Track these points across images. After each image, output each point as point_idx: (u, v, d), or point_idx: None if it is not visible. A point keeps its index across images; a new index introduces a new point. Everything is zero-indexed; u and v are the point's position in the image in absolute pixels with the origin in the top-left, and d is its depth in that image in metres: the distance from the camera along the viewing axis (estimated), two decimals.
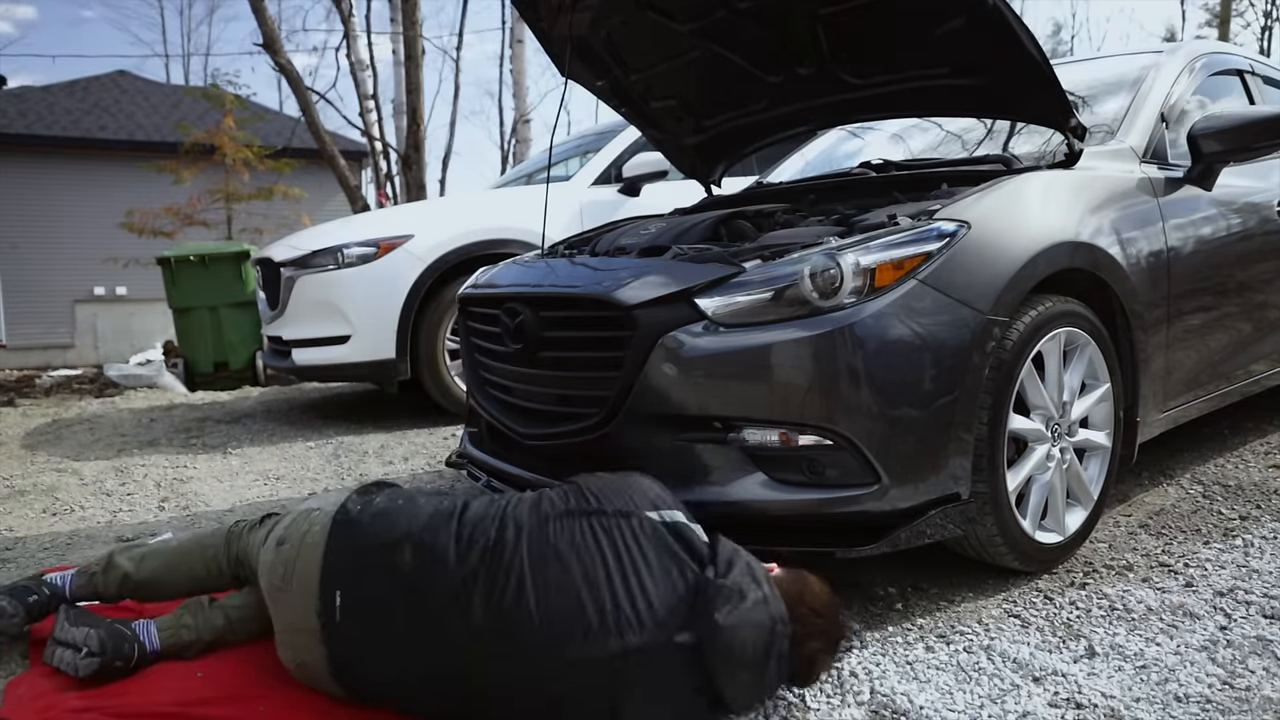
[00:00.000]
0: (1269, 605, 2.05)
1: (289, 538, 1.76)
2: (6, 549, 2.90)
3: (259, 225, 12.07)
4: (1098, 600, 2.11)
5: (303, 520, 1.79)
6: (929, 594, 2.19)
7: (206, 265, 7.14)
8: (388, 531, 1.70)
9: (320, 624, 1.66)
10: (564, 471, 2.30)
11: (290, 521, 1.81)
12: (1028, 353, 2.13)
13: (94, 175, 14.27)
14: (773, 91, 3.06)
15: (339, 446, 4.30)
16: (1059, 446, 2.28)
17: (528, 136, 13.53)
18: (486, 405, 2.62)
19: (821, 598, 1.70)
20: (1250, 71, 3.50)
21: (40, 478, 3.88)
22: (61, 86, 16.33)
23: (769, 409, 1.97)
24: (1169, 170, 2.78)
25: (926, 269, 1.99)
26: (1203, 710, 1.64)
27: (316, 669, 1.70)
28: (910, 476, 1.96)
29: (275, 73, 10.79)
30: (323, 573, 1.68)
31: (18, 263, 13.48)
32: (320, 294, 4.58)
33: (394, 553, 1.67)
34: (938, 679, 1.79)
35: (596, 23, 2.93)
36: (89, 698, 1.78)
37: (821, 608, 1.69)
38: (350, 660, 1.67)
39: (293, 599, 1.71)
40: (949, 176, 2.56)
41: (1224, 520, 2.62)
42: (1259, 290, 3.04)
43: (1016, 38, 2.30)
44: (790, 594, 1.66)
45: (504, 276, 2.70)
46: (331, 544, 1.71)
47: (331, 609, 1.66)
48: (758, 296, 1.98)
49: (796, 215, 2.62)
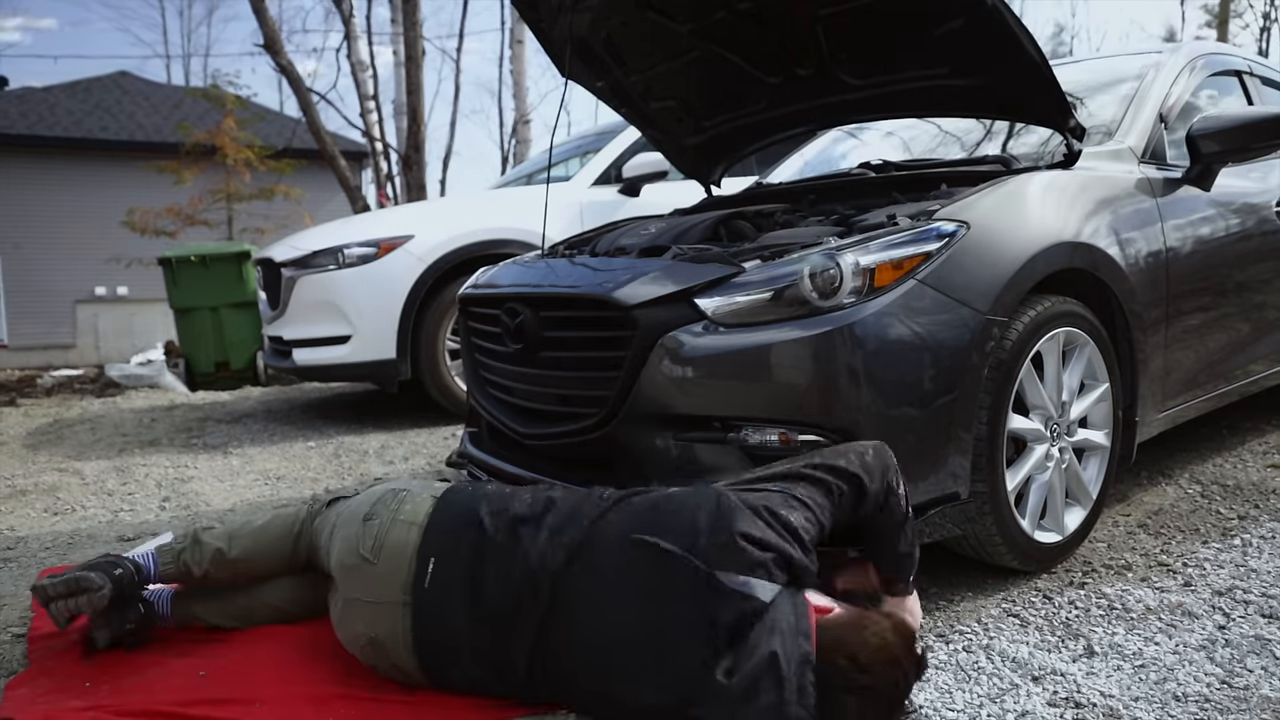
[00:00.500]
0: (1267, 604, 2.06)
1: (378, 514, 1.79)
2: (8, 548, 2.91)
3: (260, 225, 12.09)
4: (1096, 600, 2.12)
5: (391, 499, 1.82)
6: (928, 593, 2.19)
7: (207, 265, 7.15)
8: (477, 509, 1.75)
9: (408, 597, 1.70)
10: (564, 471, 2.32)
11: (376, 499, 1.84)
12: (1027, 353, 2.14)
13: (95, 176, 14.27)
14: (772, 92, 3.07)
15: (339, 446, 4.31)
16: (1058, 446, 2.28)
17: (528, 137, 13.54)
18: (487, 405, 2.63)
19: (870, 648, 1.49)
20: (1249, 72, 3.50)
21: (42, 477, 3.89)
22: (63, 87, 16.34)
23: (769, 409, 1.97)
24: (1168, 170, 2.79)
25: (926, 269, 2.00)
26: (1201, 709, 1.65)
27: (395, 643, 1.72)
28: (909, 476, 1.96)
29: (276, 73, 10.81)
30: (421, 544, 1.72)
31: (20, 263, 13.48)
32: (321, 294, 4.59)
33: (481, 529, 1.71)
34: (937, 678, 1.79)
35: (596, 23, 2.93)
36: (90, 697, 1.79)
37: (868, 660, 1.48)
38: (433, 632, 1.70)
39: (379, 572, 1.73)
40: (948, 177, 2.56)
41: (1222, 520, 2.62)
42: (1257, 290, 3.05)
43: (1016, 38, 2.30)
44: (828, 641, 1.50)
45: (504, 276, 2.70)
46: (433, 519, 1.76)
47: (423, 577, 1.70)
48: (757, 296, 1.99)
49: (796, 215, 2.63)
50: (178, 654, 1.97)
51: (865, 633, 1.52)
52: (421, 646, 1.71)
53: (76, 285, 14.28)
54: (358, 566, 1.76)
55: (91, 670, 1.90)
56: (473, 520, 1.74)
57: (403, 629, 1.71)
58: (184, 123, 13.28)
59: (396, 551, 1.74)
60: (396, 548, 1.74)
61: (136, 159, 13.80)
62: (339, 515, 1.89)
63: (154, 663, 1.93)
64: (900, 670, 1.52)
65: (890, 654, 1.51)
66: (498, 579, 1.67)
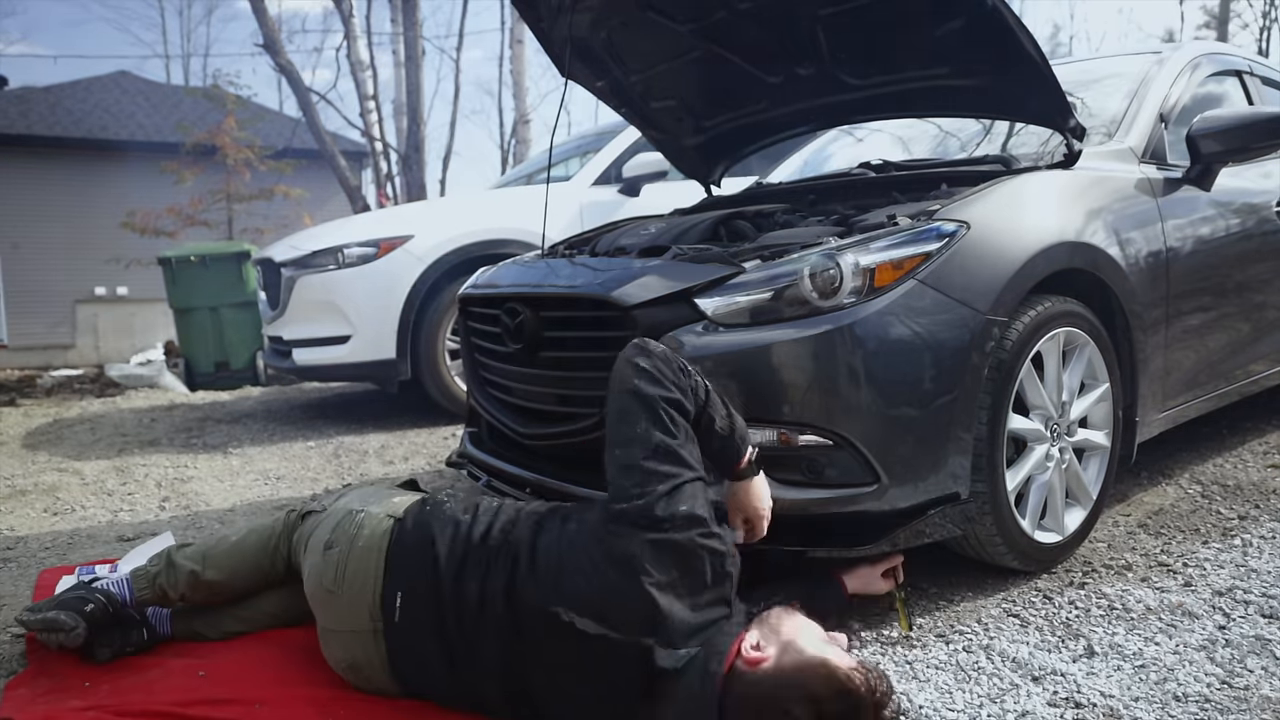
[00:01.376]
0: (1267, 605, 2.05)
1: (337, 541, 1.76)
2: (8, 548, 2.91)
3: (259, 225, 12.08)
4: (1097, 600, 2.12)
5: (348, 523, 1.78)
6: (928, 594, 2.19)
7: (207, 265, 7.15)
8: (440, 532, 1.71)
9: (378, 626, 1.67)
10: (564, 472, 2.31)
11: (335, 524, 1.79)
12: (1027, 353, 2.13)
13: (95, 175, 14.25)
14: (772, 92, 3.06)
15: (339, 446, 4.31)
16: (1058, 446, 2.28)
17: (528, 137, 13.53)
18: (486, 405, 2.62)
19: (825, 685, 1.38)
20: (1249, 72, 3.50)
21: (41, 477, 3.89)
22: (63, 87, 16.32)
23: (768, 409, 1.97)
24: (1168, 170, 2.78)
25: (926, 269, 1.99)
26: (1201, 709, 1.65)
27: (372, 669, 1.71)
28: (909, 476, 1.97)
29: (276, 73, 10.81)
30: (385, 577, 1.68)
31: (19, 262, 13.45)
32: (321, 294, 4.59)
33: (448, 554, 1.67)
34: (937, 678, 1.79)
35: (596, 23, 2.93)
36: (90, 697, 1.79)
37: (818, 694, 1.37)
38: (410, 658, 1.68)
39: (346, 601, 1.70)
40: (948, 176, 2.56)
41: (1222, 520, 2.62)
42: (1258, 290, 3.05)
43: (1016, 38, 2.30)
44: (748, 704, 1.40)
45: (504, 276, 2.70)
46: (394, 549, 1.71)
47: (392, 609, 1.66)
48: (757, 296, 1.99)
49: (796, 215, 2.63)
50: (177, 654, 1.97)
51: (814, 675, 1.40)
52: (398, 671, 1.70)
53: (76, 285, 14.26)
54: (325, 599, 1.74)
55: (91, 670, 1.90)
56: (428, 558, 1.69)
57: (378, 655, 1.69)
58: (184, 123, 13.26)
59: (360, 581, 1.70)
60: (359, 576, 1.70)
61: (137, 159, 13.80)
62: (308, 538, 1.85)
63: (154, 663, 1.93)
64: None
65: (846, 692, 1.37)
66: (457, 618, 1.63)
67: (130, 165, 13.81)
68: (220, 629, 2.04)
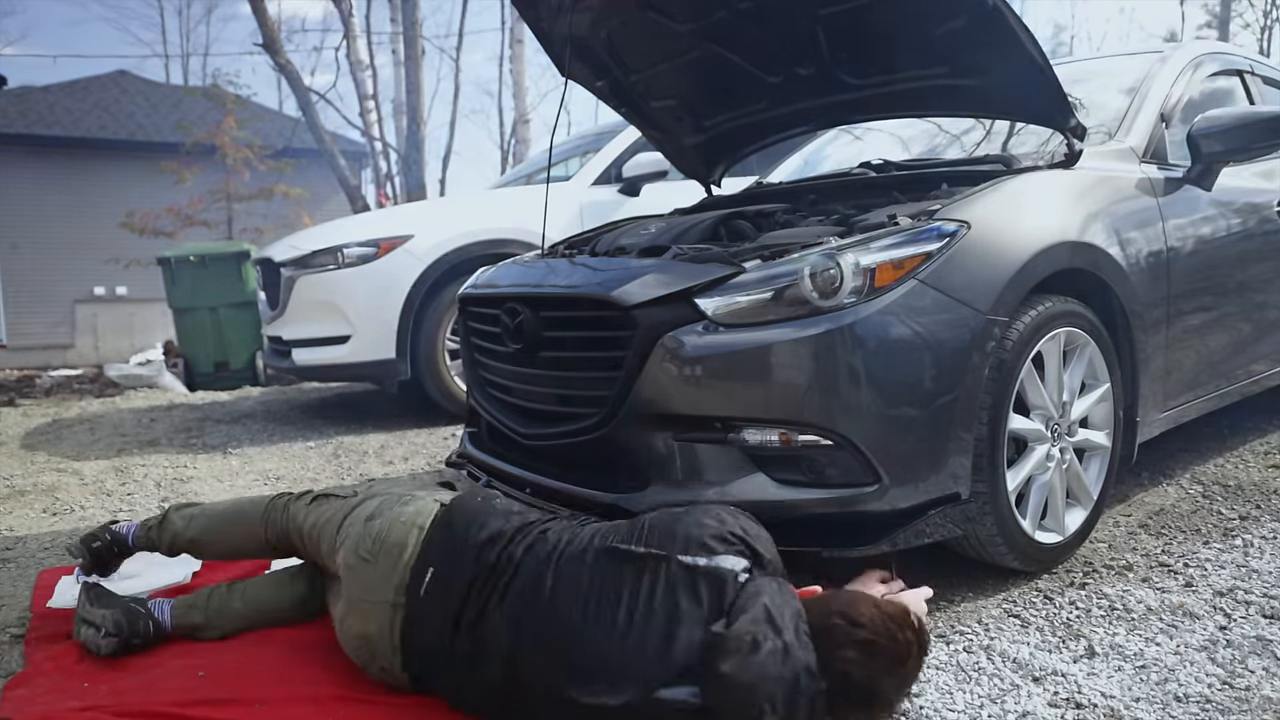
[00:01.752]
0: (1268, 605, 2.05)
1: (380, 513, 1.83)
2: (7, 549, 2.90)
3: (259, 225, 12.09)
4: (1097, 600, 2.11)
5: (395, 501, 1.86)
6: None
7: (207, 265, 7.14)
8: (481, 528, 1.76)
9: (402, 599, 1.71)
10: (564, 472, 2.31)
11: (381, 502, 1.88)
12: (1027, 353, 2.13)
13: (94, 175, 14.25)
14: (772, 92, 3.06)
15: (339, 446, 4.31)
16: (1059, 446, 2.28)
17: (528, 137, 13.54)
18: (486, 405, 2.62)
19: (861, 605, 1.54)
20: (1250, 71, 3.50)
21: (41, 477, 3.89)
22: (62, 86, 16.31)
23: (769, 409, 1.97)
24: (1169, 170, 2.78)
25: (926, 269, 1.99)
26: (1202, 710, 1.64)
27: (381, 643, 1.73)
28: (910, 476, 1.97)
29: (275, 73, 10.81)
30: (420, 550, 1.74)
31: (18, 262, 13.47)
32: (320, 294, 4.59)
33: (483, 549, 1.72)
34: (937, 679, 1.79)
35: (596, 23, 2.93)
36: (88, 697, 1.78)
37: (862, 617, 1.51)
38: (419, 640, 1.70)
39: (379, 571, 1.74)
40: (949, 176, 2.56)
41: (1224, 520, 2.62)
42: (1259, 290, 3.04)
43: (1016, 38, 2.30)
44: (817, 605, 1.54)
45: (504, 276, 2.70)
46: (435, 529, 1.77)
47: (419, 585, 1.71)
48: (757, 296, 1.98)
49: (796, 215, 2.62)
50: (177, 654, 1.96)
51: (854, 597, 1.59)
52: (408, 651, 1.71)
53: (75, 285, 14.26)
54: (358, 566, 1.77)
55: (90, 671, 1.90)
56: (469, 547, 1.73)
57: (392, 629, 1.71)
58: (183, 122, 13.26)
59: (394, 552, 1.75)
60: (394, 548, 1.75)
61: (136, 158, 13.80)
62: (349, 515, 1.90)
63: (153, 663, 1.93)
64: (896, 624, 1.51)
65: (885, 612, 1.53)
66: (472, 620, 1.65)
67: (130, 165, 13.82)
68: (221, 629, 2.04)
